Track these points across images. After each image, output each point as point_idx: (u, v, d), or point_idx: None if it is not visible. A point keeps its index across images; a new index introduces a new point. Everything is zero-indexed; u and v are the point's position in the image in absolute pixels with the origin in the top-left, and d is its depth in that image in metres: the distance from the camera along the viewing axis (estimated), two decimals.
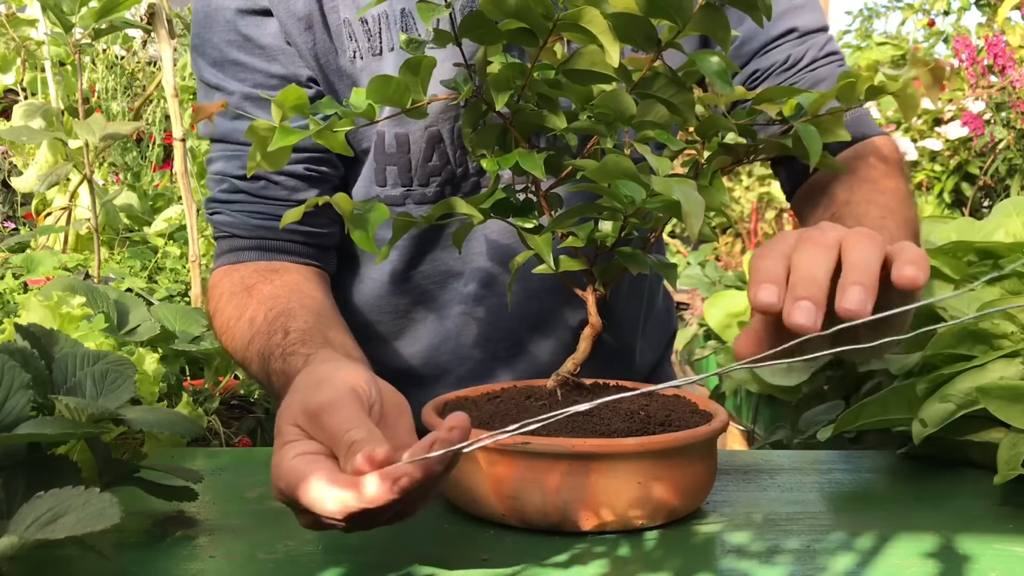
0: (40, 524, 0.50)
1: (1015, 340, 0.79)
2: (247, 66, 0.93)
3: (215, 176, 0.97)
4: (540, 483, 0.64)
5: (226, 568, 0.62)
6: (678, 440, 0.66)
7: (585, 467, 0.64)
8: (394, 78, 0.64)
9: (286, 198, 0.95)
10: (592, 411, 0.69)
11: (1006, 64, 3.46)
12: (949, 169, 4.71)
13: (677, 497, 0.67)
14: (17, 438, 0.59)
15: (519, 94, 0.67)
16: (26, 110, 2.08)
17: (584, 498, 0.64)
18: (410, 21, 0.91)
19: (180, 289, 2.11)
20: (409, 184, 0.95)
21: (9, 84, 3.18)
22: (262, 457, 1.01)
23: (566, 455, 0.63)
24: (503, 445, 0.63)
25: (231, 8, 0.92)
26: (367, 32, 0.92)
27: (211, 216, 0.98)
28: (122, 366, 0.70)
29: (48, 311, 0.92)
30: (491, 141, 0.72)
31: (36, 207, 2.72)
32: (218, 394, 1.25)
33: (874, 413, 0.88)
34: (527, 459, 0.64)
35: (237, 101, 0.93)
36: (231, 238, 0.97)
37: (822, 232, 0.61)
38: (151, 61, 3.60)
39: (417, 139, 0.93)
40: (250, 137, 0.66)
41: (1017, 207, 1.04)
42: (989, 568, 0.61)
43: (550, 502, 0.64)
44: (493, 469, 0.66)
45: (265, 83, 0.93)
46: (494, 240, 0.99)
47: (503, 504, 0.66)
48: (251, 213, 0.95)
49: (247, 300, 0.90)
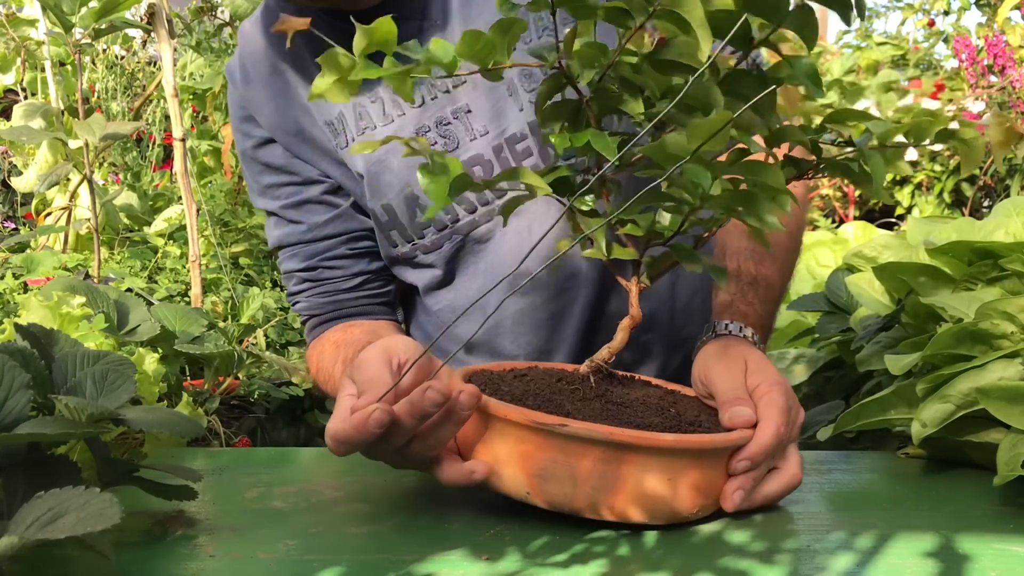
0: (40, 524, 0.50)
1: (1015, 340, 0.79)
2: (277, 184, 1.12)
3: (285, 275, 1.17)
4: (571, 467, 0.64)
5: (226, 568, 0.62)
6: (713, 443, 0.66)
7: (619, 457, 0.63)
8: (484, 35, 0.62)
9: (341, 276, 1.13)
10: (625, 403, 0.69)
11: (1006, 64, 3.46)
12: (949, 169, 4.71)
13: (699, 499, 0.67)
14: (17, 438, 0.59)
15: (602, 74, 0.66)
16: (26, 110, 2.08)
17: (614, 488, 0.64)
18: (363, 111, 1.04)
19: (180, 289, 2.11)
20: (411, 240, 1.07)
21: (9, 84, 3.19)
22: (262, 457, 1.01)
23: (602, 442, 0.63)
24: (539, 423, 0.63)
25: (249, 147, 1.12)
26: (333, 131, 1.07)
27: (294, 307, 1.17)
28: (122, 366, 0.70)
29: (48, 311, 0.92)
30: (562, 116, 0.70)
31: (36, 207, 2.72)
32: (218, 394, 1.25)
33: (874, 413, 0.88)
34: (561, 441, 0.64)
35: (283, 213, 1.12)
36: (311, 319, 1.15)
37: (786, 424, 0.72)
38: (151, 61, 3.60)
39: (399, 203, 1.05)
40: (326, 62, 0.64)
41: (1017, 207, 1.04)
42: (989, 568, 0.61)
43: (579, 487, 0.64)
44: (523, 446, 0.65)
45: (296, 191, 1.11)
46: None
47: (529, 482, 0.65)
48: (319, 294, 1.14)
49: (337, 351, 1.07)
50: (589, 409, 0.67)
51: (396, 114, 1.04)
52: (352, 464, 0.91)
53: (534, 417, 0.63)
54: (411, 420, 0.64)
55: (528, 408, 0.65)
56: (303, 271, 1.13)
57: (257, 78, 1.09)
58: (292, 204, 1.11)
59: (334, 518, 0.72)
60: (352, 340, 1.06)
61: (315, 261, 1.12)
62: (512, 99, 1.02)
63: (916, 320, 0.95)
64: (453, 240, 1.05)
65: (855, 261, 1.21)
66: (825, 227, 4.79)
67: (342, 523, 0.71)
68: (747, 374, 0.76)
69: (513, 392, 0.70)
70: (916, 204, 5.01)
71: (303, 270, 1.13)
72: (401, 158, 1.02)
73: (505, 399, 0.67)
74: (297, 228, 1.11)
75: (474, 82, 1.02)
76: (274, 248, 1.17)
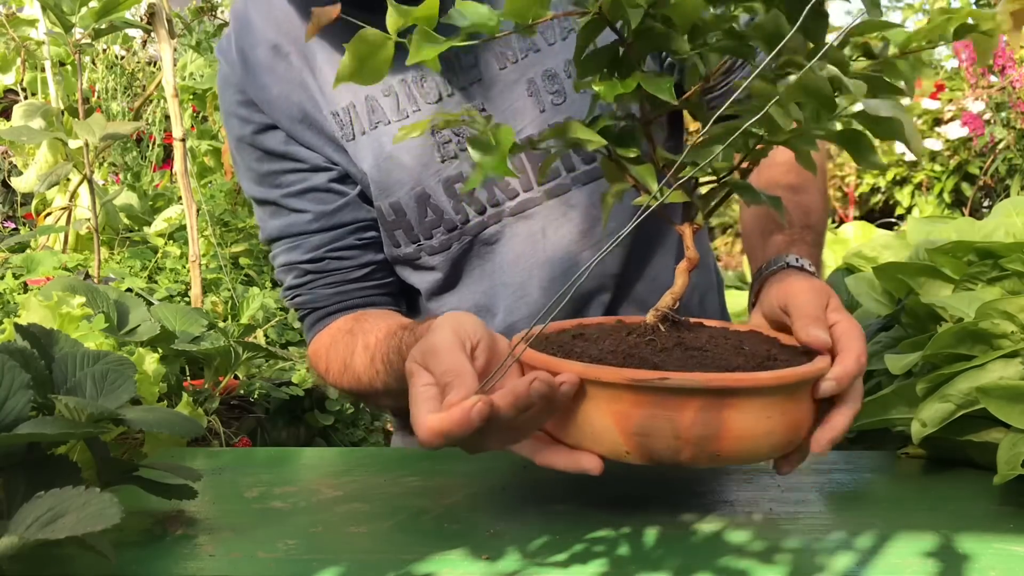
0: (40, 524, 0.50)
1: (1015, 340, 0.79)
2: (280, 171, 1.07)
3: (282, 268, 1.10)
4: (672, 419, 0.62)
5: (226, 567, 0.62)
6: (805, 374, 0.65)
7: (720, 403, 0.62)
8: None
9: (348, 266, 1.08)
10: (706, 347, 0.68)
11: (1006, 64, 3.46)
12: (949, 169, 4.71)
13: (791, 435, 0.66)
14: (17, 438, 0.59)
15: (646, 12, 0.63)
16: (26, 110, 2.08)
17: (717, 435, 0.63)
18: (375, 104, 1.03)
19: (180, 289, 2.11)
20: (417, 241, 1.05)
21: (9, 84, 3.19)
22: (262, 457, 1.01)
23: (702, 390, 0.62)
24: (638, 380, 0.61)
25: (248, 133, 1.06)
26: (339, 122, 1.04)
27: (291, 300, 1.11)
28: (122, 366, 0.70)
29: (48, 311, 0.92)
30: (601, 64, 0.67)
31: (36, 207, 2.72)
32: (218, 394, 1.25)
33: (874, 413, 0.88)
34: (657, 395, 0.62)
35: (285, 202, 1.07)
36: (313, 312, 1.10)
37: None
38: (151, 61, 3.60)
39: (408, 202, 1.02)
40: (356, 46, 0.60)
41: (1017, 207, 1.04)
42: (989, 568, 0.61)
43: (683, 438, 0.62)
44: (618, 406, 0.63)
45: (301, 179, 1.06)
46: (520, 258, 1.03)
47: (629, 441, 0.64)
48: (324, 285, 1.08)
49: (352, 338, 1.01)
50: (675, 359, 0.65)
51: (411, 110, 1.01)
52: (352, 464, 0.91)
53: (631, 375, 0.62)
54: (513, 412, 0.62)
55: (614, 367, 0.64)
56: (307, 263, 1.08)
57: (258, 62, 1.05)
58: (295, 192, 1.07)
59: (334, 518, 0.72)
60: (370, 328, 1.00)
61: (322, 252, 1.07)
62: (533, 100, 1.00)
63: (916, 320, 0.95)
64: (462, 241, 1.03)
65: (855, 261, 1.21)
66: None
67: (342, 523, 0.71)
68: (828, 309, 0.74)
69: (590, 353, 0.67)
70: (916, 204, 5.02)
71: (308, 261, 1.08)
72: (413, 156, 1.01)
73: (586, 361, 0.65)
74: (301, 217, 1.06)
75: (490, 80, 1.00)
76: (271, 239, 1.11)
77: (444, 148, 1.01)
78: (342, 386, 1.04)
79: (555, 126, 0.68)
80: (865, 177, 5.40)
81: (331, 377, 1.05)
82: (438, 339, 0.68)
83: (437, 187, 1.01)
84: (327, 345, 1.06)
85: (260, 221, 1.12)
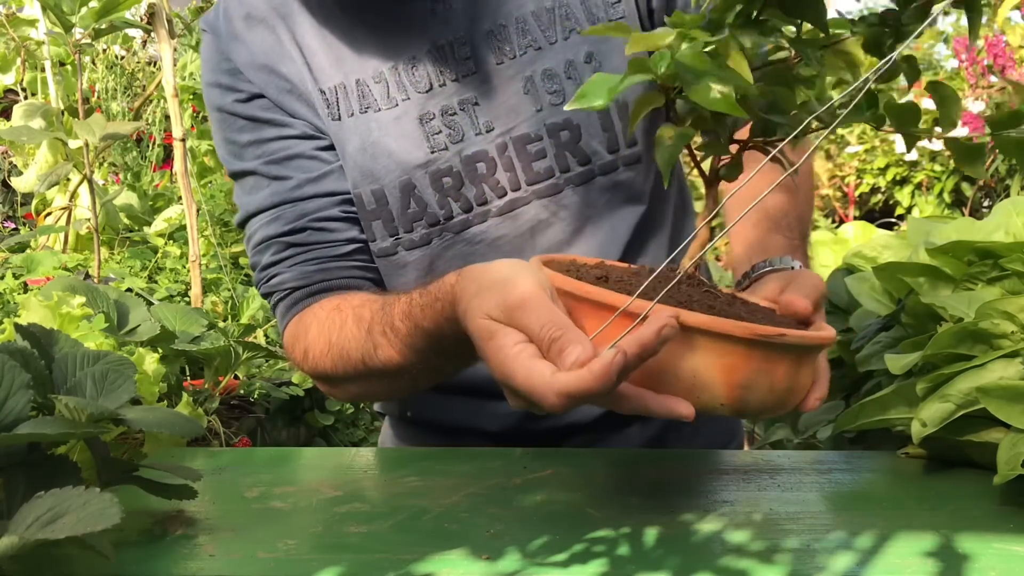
0: (40, 524, 0.50)
1: (1015, 340, 0.79)
2: (263, 139, 1.02)
3: (259, 247, 1.03)
4: (771, 374, 0.65)
5: (226, 567, 0.62)
6: (832, 337, 0.70)
7: (803, 359, 0.67)
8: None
9: (332, 240, 1.01)
10: (749, 308, 0.70)
11: (1006, 64, 3.46)
12: (949, 169, 4.71)
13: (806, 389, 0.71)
14: (17, 438, 0.59)
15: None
16: (26, 110, 2.08)
17: (794, 389, 0.67)
18: (365, 90, 1.00)
19: (180, 289, 2.11)
20: (396, 234, 1.01)
21: (9, 84, 3.19)
22: (262, 457, 1.01)
23: (799, 347, 0.66)
24: (760, 335, 0.63)
25: (230, 101, 1.02)
26: (326, 101, 1.00)
27: (267, 282, 1.02)
28: (122, 366, 0.70)
29: (48, 311, 0.92)
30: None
31: (36, 207, 2.72)
32: (218, 394, 1.25)
33: (874, 413, 0.88)
34: (765, 351, 0.64)
35: (266, 170, 1.01)
36: (292, 293, 1.01)
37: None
38: (151, 61, 3.60)
39: (392, 190, 0.99)
40: (597, 83, 0.60)
41: (1017, 207, 1.04)
42: (989, 568, 0.61)
43: (775, 391, 0.66)
44: (727, 359, 0.63)
45: (285, 146, 1.01)
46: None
47: (731, 394, 0.64)
48: (307, 261, 1.01)
49: (340, 314, 0.94)
50: (758, 315, 0.68)
51: (400, 98, 0.99)
52: (352, 464, 0.91)
53: (755, 330, 0.63)
54: (639, 363, 0.59)
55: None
56: (287, 234, 1.01)
57: (245, 32, 1.02)
58: (279, 159, 1.01)
59: (334, 518, 0.72)
60: (362, 303, 0.93)
61: (304, 222, 0.99)
62: (529, 97, 0.98)
63: (916, 320, 0.95)
64: (443, 238, 1.00)
65: (855, 261, 1.21)
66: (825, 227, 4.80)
67: (342, 523, 0.71)
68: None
69: (658, 298, 0.65)
70: (916, 204, 5.02)
71: (288, 233, 1.00)
72: (401, 144, 0.98)
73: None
74: (283, 185, 1.00)
75: (485, 74, 0.99)
76: (248, 216, 1.04)
77: (434, 139, 0.99)
78: (321, 368, 0.96)
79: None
80: (865, 177, 5.41)
81: (309, 361, 0.97)
82: (522, 291, 0.63)
83: (424, 178, 0.99)
84: (308, 325, 0.97)
85: (237, 200, 1.06)
